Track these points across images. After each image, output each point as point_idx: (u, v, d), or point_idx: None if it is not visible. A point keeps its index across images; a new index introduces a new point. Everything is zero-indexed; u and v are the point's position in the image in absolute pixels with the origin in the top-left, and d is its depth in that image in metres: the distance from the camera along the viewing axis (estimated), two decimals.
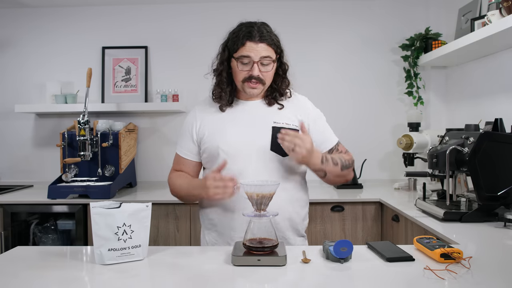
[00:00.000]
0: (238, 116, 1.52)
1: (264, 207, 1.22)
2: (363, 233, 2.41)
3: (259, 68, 1.45)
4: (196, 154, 1.57)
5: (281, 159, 1.48)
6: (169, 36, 3.08)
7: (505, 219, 1.59)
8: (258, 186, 1.20)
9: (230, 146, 1.47)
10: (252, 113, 1.52)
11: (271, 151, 1.46)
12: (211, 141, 1.50)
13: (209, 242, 1.55)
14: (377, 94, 3.03)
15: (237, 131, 1.49)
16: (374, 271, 1.12)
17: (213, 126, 1.52)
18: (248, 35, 1.44)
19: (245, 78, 1.46)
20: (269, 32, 1.47)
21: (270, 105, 1.54)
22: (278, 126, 1.48)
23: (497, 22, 1.91)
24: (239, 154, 1.46)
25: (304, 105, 1.58)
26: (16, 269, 1.17)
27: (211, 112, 1.55)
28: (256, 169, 1.44)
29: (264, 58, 1.44)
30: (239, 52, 1.45)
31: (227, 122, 1.51)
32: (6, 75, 3.13)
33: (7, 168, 3.13)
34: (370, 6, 3.02)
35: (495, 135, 1.68)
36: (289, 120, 1.51)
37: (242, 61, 1.45)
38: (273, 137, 1.46)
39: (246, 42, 1.43)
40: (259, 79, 1.46)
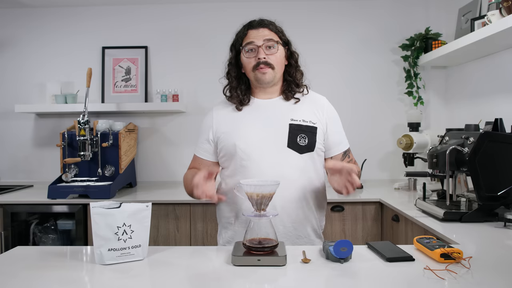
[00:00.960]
0: (255, 115, 1.53)
1: (264, 207, 1.22)
2: (363, 233, 2.41)
3: (265, 52, 1.48)
4: (212, 153, 1.58)
5: (298, 157, 1.48)
6: (169, 36, 3.08)
7: (505, 219, 1.59)
8: (258, 186, 1.20)
9: (247, 144, 1.47)
10: (269, 111, 1.53)
11: (288, 148, 1.47)
12: (228, 139, 1.51)
13: (225, 240, 1.55)
14: (377, 94, 3.03)
15: (254, 129, 1.50)
16: (374, 271, 1.12)
17: (230, 125, 1.53)
18: (249, 24, 1.52)
19: (253, 66, 1.49)
20: (270, 21, 1.53)
21: (287, 99, 1.55)
22: (295, 123, 1.49)
23: (497, 22, 1.91)
24: (256, 151, 1.47)
25: (322, 103, 1.59)
26: (16, 269, 1.17)
27: (228, 111, 1.57)
28: (273, 167, 1.45)
29: (268, 41, 1.48)
30: (243, 42, 1.50)
31: (244, 121, 1.52)
32: (6, 75, 3.13)
33: (7, 168, 3.13)
34: (370, 6, 3.02)
35: (495, 135, 1.68)
36: (306, 117, 1.52)
37: (248, 49, 1.49)
38: (290, 134, 1.47)
39: (247, 31, 1.50)
40: (266, 63, 1.47)
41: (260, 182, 1.24)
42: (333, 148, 1.57)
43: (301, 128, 1.49)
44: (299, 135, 1.48)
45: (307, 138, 1.48)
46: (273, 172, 1.43)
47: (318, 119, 1.53)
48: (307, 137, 1.48)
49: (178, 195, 2.51)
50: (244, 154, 1.47)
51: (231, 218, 1.53)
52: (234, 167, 1.50)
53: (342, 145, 1.59)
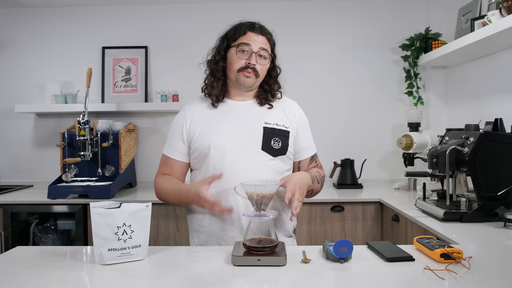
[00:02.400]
0: (229, 116, 1.52)
1: (264, 207, 1.22)
2: (363, 233, 2.41)
3: (256, 59, 1.48)
4: (185, 154, 1.56)
5: (271, 159, 1.49)
6: (169, 36, 3.08)
7: (505, 219, 1.60)
8: (258, 186, 1.20)
9: (221, 145, 1.47)
10: (243, 113, 1.53)
11: (262, 151, 1.48)
12: (202, 140, 1.50)
13: (198, 244, 1.54)
14: (377, 94, 3.03)
15: (228, 131, 1.49)
16: (374, 271, 1.12)
17: (204, 125, 1.52)
18: (251, 26, 1.50)
19: (241, 67, 1.48)
20: (269, 32, 1.54)
21: (261, 105, 1.56)
22: (269, 126, 1.50)
23: (497, 22, 1.91)
24: (230, 153, 1.46)
25: (294, 109, 1.60)
26: (16, 269, 1.17)
27: (202, 111, 1.55)
28: (246, 168, 1.45)
29: (263, 50, 1.49)
30: (239, 40, 1.48)
31: (218, 121, 1.51)
32: (6, 75, 3.13)
33: (7, 168, 3.13)
34: (370, 6, 3.02)
35: (495, 135, 1.68)
36: (279, 121, 1.53)
37: (242, 49, 1.48)
38: (264, 137, 1.48)
39: (247, 32, 1.49)
40: (254, 69, 1.48)
41: (260, 182, 1.24)
42: (302, 152, 1.59)
43: (274, 131, 1.50)
44: (273, 139, 1.49)
45: (280, 141, 1.50)
46: (247, 174, 1.42)
47: (290, 124, 1.55)
48: (281, 140, 1.50)
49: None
50: (219, 155, 1.46)
51: (203, 221, 1.51)
52: (207, 169, 1.48)
53: (310, 150, 1.61)
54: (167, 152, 1.59)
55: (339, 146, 2.99)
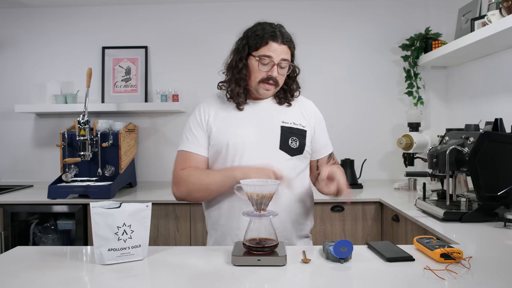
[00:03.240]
0: (248, 115, 1.52)
1: (264, 207, 1.22)
2: (363, 233, 2.41)
3: (278, 70, 1.46)
4: (207, 149, 1.51)
5: (289, 158, 1.49)
6: (169, 36, 3.08)
7: (505, 219, 1.60)
8: (259, 186, 1.20)
9: (240, 144, 1.46)
10: (261, 112, 1.53)
11: (280, 150, 1.48)
12: (220, 138, 1.49)
13: (214, 242, 1.54)
14: (377, 94, 3.03)
15: (247, 129, 1.49)
16: (374, 271, 1.12)
17: (222, 123, 1.51)
18: (272, 35, 1.44)
19: (262, 78, 1.47)
20: (288, 35, 1.49)
21: (280, 104, 1.56)
22: (287, 126, 1.50)
23: (497, 22, 1.91)
24: (248, 152, 1.46)
25: (310, 108, 1.61)
26: (16, 269, 1.17)
27: (219, 108, 1.54)
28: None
29: (284, 61, 1.46)
30: (261, 51, 1.44)
31: (236, 120, 1.51)
32: (6, 75, 3.13)
33: (7, 168, 3.13)
34: (370, 6, 3.02)
35: (495, 135, 1.68)
36: (296, 120, 1.53)
37: (262, 61, 1.45)
38: (282, 136, 1.48)
39: (269, 42, 1.44)
40: (275, 81, 1.47)
41: (260, 182, 1.24)
42: (320, 150, 1.60)
43: (292, 130, 1.50)
44: (290, 138, 1.50)
45: (298, 140, 1.50)
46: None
47: (307, 123, 1.55)
48: (298, 140, 1.51)
49: None
50: (237, 153, 1.46)
51: (220, 219, 1.51)
52: (224, 166, 1.47)
53: (328, 147, 1.63)
54: (188, 148, 1.50)
55: (339, 146, 2.97)
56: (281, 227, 1.45)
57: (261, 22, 1.50)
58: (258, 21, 1.52)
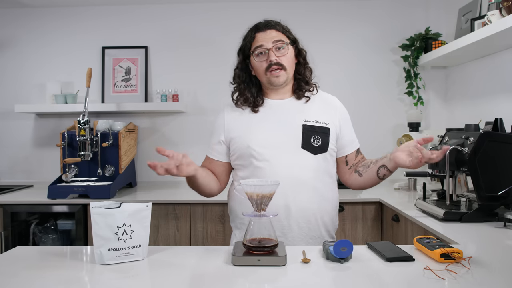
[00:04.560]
0: (268, 116, 1.53)
1: (264, 207, 1.22)
2: (363, 233, 2.41)
3: (275, 53, 1.47)
4: (225, 154, 1.58)
5: (312, 157, 1.48)
6: (169, 36, 3.08)
7: (505, 219, 1.59)
8: (258, 186, 1.20)
9: (261, 145, 1.47)
10: (282, 111, 1.53)
11: (302, 149, 1.47)
12: (242, 141, 1.50)
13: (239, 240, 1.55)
14: (377, 94, 3.03)
15: (267, 130, 1.49)
16: (374, 271, 1.12)
17: (242, 126, 1.52)
18: (256, 28, 1.51)
19: (265, 68, 1.48)
20: (276, 22, 1.53)
21: (299, 99, 1.56)
22: (309, 124, 1.50)
23: (497, 22, 1.91)
24: (271, 152, 1.47)
25: (334, 104, 1.60)
26: (16, 269, 1.17)
27: (241, 112, 1.56)
28: (288, 168, 1.45)
29: (277, 42, 1.48)
30: (252, 46, 1.50)
31: (257, 122, 1.52)
32: (6, 75, 3.13)
33: (7, 168, 3.13)
34: (370, 6, 3.02)
35: (495, 135, 1.68)
36: (319, 117, 1.53)
37: (258, 52, 1.48)
38: (304, 135, 1.48)
39: (255, 35, 1.49)
40: (278, 64, 1.47)
41: (260, 182, 1.24)
42: (348, 146, 1.60)
43: (314, 129, 1.50)
44: (312, 136, 1.49)
45: (320, 139, 1.49)
46: (287, 173, 1.44)
47: (330, 120, 1.54)
48: (321, 138, 1.50)
49: (178, 195, 2.52)
50: (259, 155, 1.47)
51: (245, 219, 1.51)
52: (249, 169, 1.50)
53: (355, 143, 1.63)
54: (209, 153, 1.61)
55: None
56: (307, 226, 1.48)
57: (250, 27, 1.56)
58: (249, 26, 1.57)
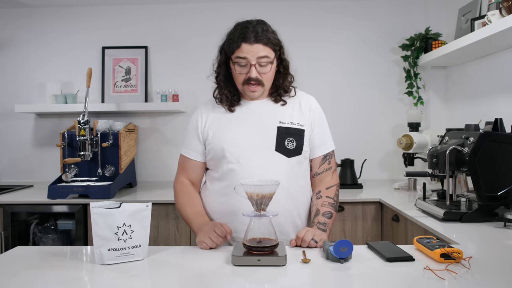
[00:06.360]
0: (243, 117, 1.51)
1: (264, 207, 1.22)
2: (363, 233, 2.41)
3: (257, 70, 1.43)
4: (202, 154, 1.55)
5: (286, 160, 1.47)
6: (169, 36, 3.08)
7: (505, 219, 1.59)
8: (258, 186, 1.20)
9: (235, 147, 1.46)
10: (257, 113, 1.52)
11: (276, 152, 1.46)
12: (216, 142, 1.49)
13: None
14: (377, 94, 3.03)
15: (242, 132, 1.48)
16: (374, 271, 1.12)
17: (218, 127, 1.51)
18: (243, 36, 1.40)
19: (244, 80, 1.45)
20: (265, 31, 1.43)
21: (276, 102, 1.53)
22: (283, 126, 1.48)
23: (497, 22, 1.91)
24: (244, 155, 1.45)
25: (309, 104, 1.56)
26: (16, 269, 1.17)
27: (216, 112, 1.55)
28: (262, 170, 1.44)
29: (261, 59, 1.42)
30: (235, 54, 1.43)
31: (232, 123, 1.50)
32: (6, 75, 3.13)
33: (7, 168, 3.13)
34: (370, 6, 3.02)
35: (495, 135, 1.68)
36: (294, 119, 1.51)
37: (239, 63, 1.43)
38: (278, 137, 1.46)
39: (241, 44, 1.41)
40: (257, 80, 1.44)
41: (260, 182, 1.24)
42: (315, 149, 1.55)
43: (289, 131, 1.48)
44: (287, 139, 1.47)
45: (295, 141, 1.48)
46: (261, 175, 1.41)
47: (305, 121, 1.52)
48: (295, 140, 1.48)
49: None
50: (233, 157, 1.46)
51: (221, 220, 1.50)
52: (222, 170, 1.48)
53: (323, 148, 1.56)
54: (185, 152, 1.58)
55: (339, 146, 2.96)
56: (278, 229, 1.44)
57: (239, 22, 1.48)
58: (237, 21, 1.49)
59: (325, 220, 1.45)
